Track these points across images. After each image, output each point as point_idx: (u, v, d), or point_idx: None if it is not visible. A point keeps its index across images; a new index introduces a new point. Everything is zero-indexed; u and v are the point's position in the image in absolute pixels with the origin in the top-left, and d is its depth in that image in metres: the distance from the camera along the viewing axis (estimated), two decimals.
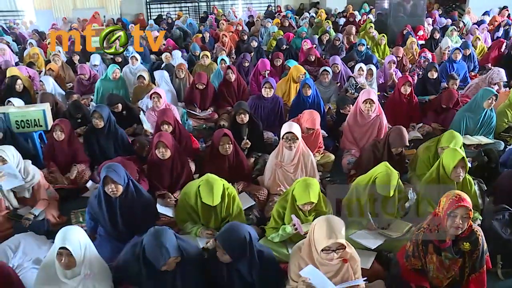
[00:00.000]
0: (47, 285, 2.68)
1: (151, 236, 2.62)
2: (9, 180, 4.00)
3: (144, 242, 2.63)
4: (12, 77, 6.88)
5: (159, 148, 4.03)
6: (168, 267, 2.61)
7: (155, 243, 2.57)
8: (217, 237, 2.74)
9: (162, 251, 2.56)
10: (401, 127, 4.35)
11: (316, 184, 3.29)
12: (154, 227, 2.70)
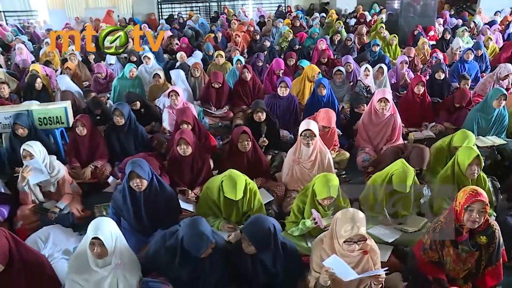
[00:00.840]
0: (79, 273, 2.80)
1: (190, 226, 2.75)
2: (35, 175, 4.14)
3: (183, 232, 2.74)
4: (32, 76, 7.07)
5: (180, 145, 4.15)
6: (205, 254, 2.73)
7: (196, 232, 2.70)
8: (242, 229, 2.85)
9: (203, 238, 2.69)
10: (425, 148, 4.43)
11: (336, 179, 3.40)
12: (189, 218, 2.82)
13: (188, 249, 2.73)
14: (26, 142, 4.24)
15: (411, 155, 4.35)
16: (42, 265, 2.91)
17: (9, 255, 2.70)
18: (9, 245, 2.71)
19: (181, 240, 2.75)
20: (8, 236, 2.75)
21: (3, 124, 5.17)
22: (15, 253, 2.73)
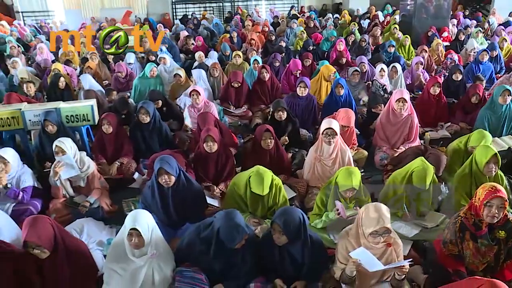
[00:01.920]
0: (117, 262, 2.96)
1: (226, 218, 2.90)
2: (67, 170, 4.32)
3: (219, 224, 2.89)
4: (56, 75, 7.27)
5: (207, 142, 4.31)
6: (239, 245, 2.89)
7: (232, 224, 2.85)
8: (274, 220, 2.99)
9: (239, 230, 2.84)
10: (442, 155, 4.50)
11: (358, 172, 3.56)
12: (224, 210, 2.98)
13: (223, 239, 2.88)
14: (58, 139, 4.42)
15: (429, 160, 4.47)
16: (83, 251, 3.11)
17: (54, 242, 2.87)
18: (54, 232, 2.89)
19: (217, 231, 2.89)
20: (52, 223, 2.93)
21: (33, 121, 5.36)
22: (59, 240, 2.92)
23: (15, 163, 4.29)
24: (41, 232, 2.82)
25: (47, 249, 2.83)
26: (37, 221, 2.88)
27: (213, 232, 2.93)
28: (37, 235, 2.78)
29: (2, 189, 4.15)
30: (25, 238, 2.78)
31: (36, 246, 2.80)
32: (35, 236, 2.78)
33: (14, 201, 4.19)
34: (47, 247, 2.82)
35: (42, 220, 2.91)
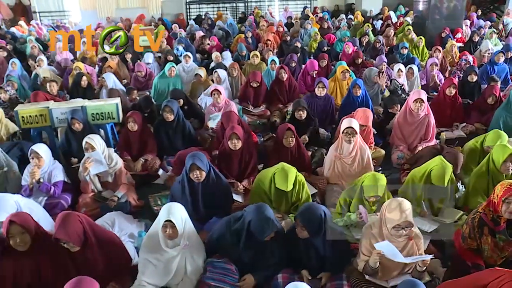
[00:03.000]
0: (151, 252, 3.13)
1: (257, 211, 3.06)
2: (96, 166, 4.50)
3: (250, 217, 3.06)
4: (78, 74, 7.47)
5: (232, 140, 4.46)
6: (268, 238, 3.04)
7: (262, 217, 3.01)
8: (297, 216, 3.15)
9: (269, 223, 3.01)
10: (458, 153, 4.67)
11: (384, 179, 3.66)
12: (254, 204, 3.14)
13: (253, 232, 3.04)
14: (88, 135, 4.60)
15: (446, 159, 4.59)
16: (115, 243, 3.25)
17: (84, 237, 3.01)
18: (83, 228, 3.02)
19: (248, 224, 3.05)
20: (82, 219, 3.04)
21: (60, 119, 5.53)
22: (89, 234, 3.03)
23: (48, 158, 4.46)
24: (70, 229, 2.92)
25: (76, 245, 2.95)
26: (67, 218, 2.97)
27: (244, 225, 3.08)
28: (65, 232, 2.89)
29: (36, 183, 4.33)
30: (54, 235, 2.91)
31: (66, 242, 2.93)
32: (63, 233, 2.89)
33: (46, 195, 4.37)
34: (76, 243, 2.94)
35: (71, 216, 3.01)
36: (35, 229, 3.01)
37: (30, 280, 3.00)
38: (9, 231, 2.91)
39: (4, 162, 4.55)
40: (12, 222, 2.92)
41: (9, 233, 2.92)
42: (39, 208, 3.92)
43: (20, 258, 2.99)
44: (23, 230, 2.92)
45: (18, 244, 2.93)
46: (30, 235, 2.95)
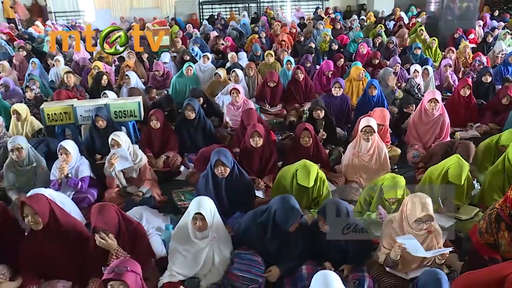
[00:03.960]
0: (181, 244, 3.29)
1: (281, 201, 3.21)
2: (121, 162, 4.65)
3: (276, 207, 3.20)
4: (98, 73, 7.68)
5: (254, 137, 4.60)
6: (293, 228, 3.18)
7: (287, 206, 3.16)
8: (319, 210, 3.29)
9: (294, 211, 3.16)
10: (470, 143, 4.71)
11: (403, 181, 3.77)
12: (279, 195, 3.28)
13: (279, 221, 3.18)
14: (114, 132, 4.78)
15: (458, 150, 4.70)
16: (143, 235, 3.40)
17: (118, 227, 3.18)
18: (118, 219, 3.20)
19: (274, 214, 3.20)
20: (117, 211, 3.24)
21: (83, 116, 5.71)
22: (122, 225, 3.22)
23: (75, 154, 4.64)
24: (108, 218, 3.11)
25: (112, 233, 3.12)
26: (104, 208, 3.17)
27: (270, 216, 3.23)
28: (103, 222, 3.07)
29: (64, 178, 4.49)
30: (94, 224, 3.06)
31: (104, 231, 3.08)
32: (102, 222, 3.07)
33: (73, 189, 4.54)
34: (112, 231, 3.12)
35: (108, 207, 3.20)
36: (50, 213, 3.20)
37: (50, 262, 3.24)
38: (22, 211, 3.16)
39: (33, 157, 4.71)
40: (23, 203, 3.17)
41: (23, 213, 3.16)
42: (70, 201, 4.10)
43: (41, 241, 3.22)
44: (34, 212, 3.13)
45: (30, 222, 3.14)
46: (40, 217, 3.14)
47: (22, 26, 16.58)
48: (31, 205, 3.14)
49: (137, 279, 2.51)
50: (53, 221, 3.24)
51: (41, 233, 3.21)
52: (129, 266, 2.50)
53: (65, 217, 3.37)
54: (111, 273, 2.46)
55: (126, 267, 2.47)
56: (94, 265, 3.22)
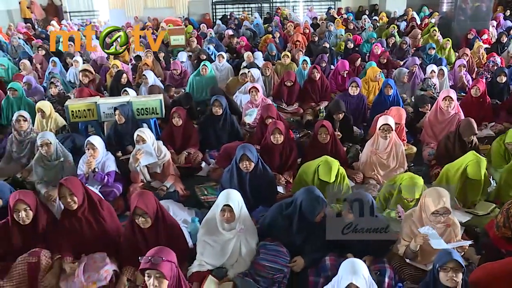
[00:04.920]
0: (209, 235, 3.44)
1: (307, 192, 3.38)
2: (146, 157, 4.81)
3: (301, 198, 3.35)
4: (118, 72, 7.85)
5: (274, 134, 4.73)
6: (319, 218, 3.32)
7: (313, 196, 3.32)
8: (345, 199, 3.43)
9: (319, 200, 3.32)
10: (470, 118, 4.92)
11: (421, 181, 3.88)
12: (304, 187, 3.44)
13: (305, 211, 3.33)
14: (139, 129, 4.95)
15: (461, 129, 4.87)
16: (177, 225, 3.56)
17: (156, 214, 3.34)
18: (157, 205, 3.37)
19: (300, 205, 3.35)
20: (155, 198, 3.41)
21: (106, 113, 5.87)
22: (160, 213, 3.38)
23: (102, 149, 4.78)
24: (148, 202, 3.29)
25: (151, 219, 3.28)
26: (145, 194, 3.37)
27: (296, 208, 3.38)
28: (145, 204, 3.25)
29: (91, 173, 4.66)
30: (136, 204, 3.23)
31: (143, 214, 3.25)
32: (143, 204, 3.24)
33: (100, 183, 4.68)
34: (151, 217, 3.28)
35: (149, 194, 3.40)
36: (83, 195, 3.43)
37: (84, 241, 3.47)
38: (60, 192, 3.39)
39: (60, 152, 4.87)
40: (61, 184, 3.38)
41: (60, 194, 3.39)
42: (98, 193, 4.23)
43: (76, 221, 3.46)
44: (70, 192, 3.34)
45: (67, 202, 3.37)
46: (76, 197, 3.36)
47: (38, 26, 16.86)
48: (68, 186, 3.37)
49: (172, 267, 2.64)
50: (87, 202, 3.48)
51: (76, 213, 3.44)
52: (164, 255, 2.62)
53: (99, 200, 3.62)
54: (147, 263, 2.58)
55: (161, 257, 2.59)
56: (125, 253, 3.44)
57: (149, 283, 2.58)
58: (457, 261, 2.64)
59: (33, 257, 3.33)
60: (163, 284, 2.57)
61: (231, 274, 3.35)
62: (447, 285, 2.66)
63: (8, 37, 13.92)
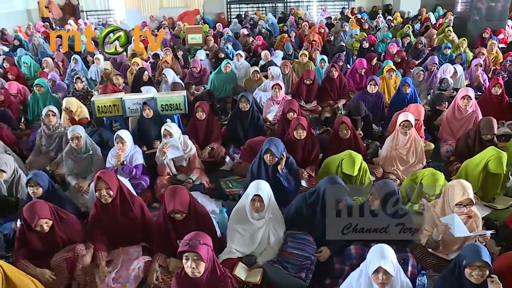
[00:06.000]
0: (239, 224, 3.59)
1: (329, 180, 3.54)
2: (173, 151, 4.97)
3: (324, 186, 3.51)
4: (140, 69, 8.06)
5: (297, 130, 4.88)
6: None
7: (335, 185, 3.46)
8: (373, 187, 3.58)
9: (341, 188, 3.45)
10: (491, 117, 5.03)
11: (442, 178, 4.02)
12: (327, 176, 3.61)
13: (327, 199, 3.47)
14: (166, 123, 5.12)
15: (481, 127, 4.99)
16: (207, 215, 3.72)
17: (189, 208, 3.49)
18: (190, 199, 3.52)
19: (323, 193, 3.49)
20: (188, 192, 3.56)
21: (131, 109, 6.05)
22: (192, 206, 3.53)
23: (130, 143, 4.96)
24: (183, 200, 3.43)
25: (185, 212, 3.44)
26: (178, 190, 3.49)
27: (319, 195, 3.53)
28: (181, 203, 3.39)
29: (119, 165, 4.83)
30: (174, 207, 3.37)
31: (180, 212, 3.41)
32: (179, 204, 3.39)
33: (128, 176, 4.84)
34: (185, 211, 3.43)
35: (182, 190, 3.52)
36: (118, 189, 3.58)
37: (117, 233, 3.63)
38: (97, 185, 3.52)
39: (90, 146, 5.04)
40: (99, 178, 3.52)
41: (97, 186, 3.53)
42: (130, 185, 4.40)
43: (110, 214, 3.61)
44: (107, 186, 3.50)
45: (103, 195, 3.51)
46: (112, 191, 3.51)
47: (55, 25, 17.12)
48: (105, 179, 3.52)
49: (208, 251, 2.78)
50: (120, 196, 3.63)
51: (110, 206, 3.59)
52: (201, 239, 2.76)
53: (130, 194, 3.77)
54: (185, 246, 2.72)
55: (199, 240, 2.74)
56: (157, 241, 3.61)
57: (187, 265, 2.72)
58: (485, 262, 2.67)
59: (69, 252, 3.50)
60: (201, 266, 2.70)
61: (260, 262, 3.49)
62: (471, 281, 2.73)
63: (28, 36, 14.23)
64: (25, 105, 7.54)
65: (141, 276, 3.50)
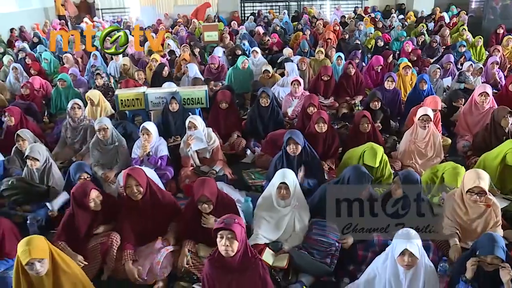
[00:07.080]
0: (266, 211, 3.75)
1: (354, 168, 3.70)
2: (197, 143, 5.12)
3: (349, 173, 3.66)
4: (160, 65, 8.23)
5: (319, 123, 5.01)
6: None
7: (359, 172, 3.64)
8: (397, 175, 3.71)
9: (366, 176, 3.61)
10: (503, 107, 5.18)
11: (463, 171, 4.07)
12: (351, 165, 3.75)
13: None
14: (191, 115, 5.29)
15: (495, 114, 5.13)
16: (234, 204, 3.84)
17: (217, 199, 3.62)
18: (217, 191, 3.66)
19: (347, 180, 3.63)
20: (216, 184, 3.70)
21: (154, 103, 6.20)
22: (219, 197, 3.67)
23: (155, 135, 5.11)
24: (212, 190, 3.56)
25: (213, 204, 3.56)
26: (207, 182, 3.61)
27: (343, 183, 3.66)
28: (210, 192, 3.52)
29: (145, 156, 4.98)
30: (203, 192, 3.48)
31: (207, 201, 3.52)
32: (208, 192, 3.51)
33: (153, 166, 4.98)
34: (214, 202, 3.56)
35: (210, 181, 3.66)
36: (147, 185, 3.71)
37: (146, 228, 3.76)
38: (127, 182, 3.66)
39: (115, 138, 5.22)
40: (129, 175, 3.66)
41: (127, 184, 3.66)
42: (156, 176, 4.55)
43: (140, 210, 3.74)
44: (137, 183, 3.64)
45: (133, 192, 3.65)
46: (142, 188, 3.65)
47: (71, 23, 17.38)
48: (135, 177, 3.66)
49: (242, 231, 2.89)
50: (149, 192, 3.76)
51: (140, 203, 3.73)
52: (236, 219, 2.89)
53: (158, 190, 3.91)
54: (221, 223, 2.84)
55: (234, 219, 2.87)
56: (185, 229, 3.74)
57: (221, 243, 2.82)
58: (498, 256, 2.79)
59: (105, 237, 3.67)
60: (234, 245, 2.81)
61: (287, 247, 3.61)
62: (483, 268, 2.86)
63: (45, 34, 14.47)
64: (48, 99, 7.76)
65: (169, 267, 3.58)
